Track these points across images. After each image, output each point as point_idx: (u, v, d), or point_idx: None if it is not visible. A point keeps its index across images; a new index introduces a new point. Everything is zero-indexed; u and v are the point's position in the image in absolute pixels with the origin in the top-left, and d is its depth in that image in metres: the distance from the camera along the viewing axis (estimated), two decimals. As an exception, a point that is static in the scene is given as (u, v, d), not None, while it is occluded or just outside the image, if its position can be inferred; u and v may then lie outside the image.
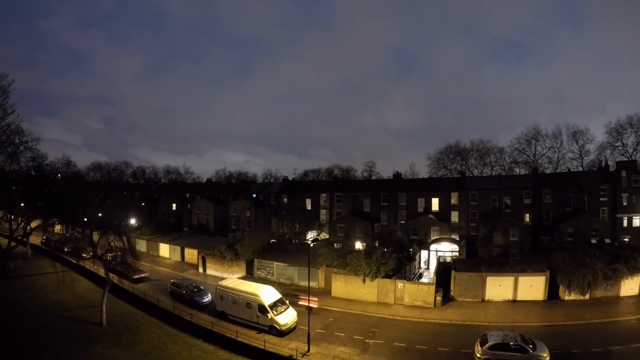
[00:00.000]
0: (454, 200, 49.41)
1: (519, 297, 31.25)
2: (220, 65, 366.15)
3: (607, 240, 39.07)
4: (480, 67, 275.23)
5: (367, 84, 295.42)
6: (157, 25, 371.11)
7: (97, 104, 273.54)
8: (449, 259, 41.06)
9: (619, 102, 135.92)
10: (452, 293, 32.25)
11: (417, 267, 41.82)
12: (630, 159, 52.30)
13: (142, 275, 38.23)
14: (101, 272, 33.15)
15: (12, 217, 41.95)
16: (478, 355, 21.38)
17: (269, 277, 38.77)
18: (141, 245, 51.38)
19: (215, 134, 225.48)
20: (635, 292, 31.04)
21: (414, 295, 31.32)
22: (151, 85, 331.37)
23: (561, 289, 31.18)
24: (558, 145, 64.63)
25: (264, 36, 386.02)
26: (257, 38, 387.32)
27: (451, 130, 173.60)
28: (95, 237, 29.97)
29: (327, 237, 51.96)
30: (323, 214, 57.41)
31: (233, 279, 31.83)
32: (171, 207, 69.27)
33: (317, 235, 51.39)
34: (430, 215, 48.05)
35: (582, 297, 30.67)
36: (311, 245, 30.08)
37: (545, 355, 20.76)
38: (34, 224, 42.04)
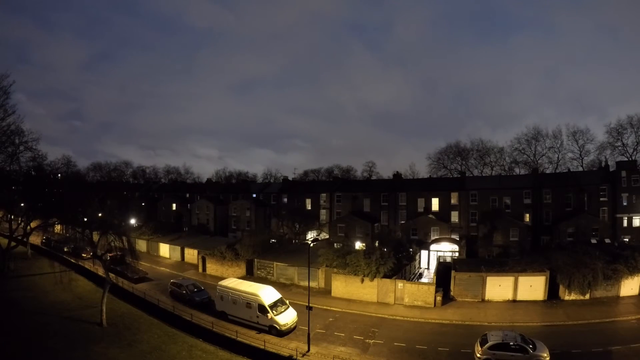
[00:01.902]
0: (454, 200, 49.41)
1: (519, 297, 31.25)
2: (177, 55, 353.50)
3: (607, 240, 39.07)
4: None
5: (325, 66, 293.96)
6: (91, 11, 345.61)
7: (53, 99, 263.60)
8: (449, 259, 41.07)
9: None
10: (452, 293, 32.25)
11: (417, 267, 41.79)
12: (630, 159, 52.29)
13: (142, 275, 38.28)
14: (101, 272, 33.17)
15: (12, 217, 41.97)
16: (478, 355, 21.38)
17: (268, 277, 38.76)
18: (141, 245, 51.37)
19: (183, 130, 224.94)
20: (635, 292, 31.05)
21: (414, 295, 31.32)
22: (103, 77, 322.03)
23: (561, 289, 31.18)
24: (558, 145, 64.61)
25: (213, 23, 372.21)
26: (206, 26, 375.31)
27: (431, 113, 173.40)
28: (95, 237, 29.98)
29: (327, 237, 51.97)
30: (323, 214, 57.41)
31: (233, 279, 31.81)
32: (171, 207, 69.25)
33: (317, 235, 51.37)
34: (430, 215, 48.05)
35: (582, 297, 30.67)
36: (311, 245, 30.08)
37: (545, 355, 20.75)
38: (34, 224, 42.08)
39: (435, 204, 50.02)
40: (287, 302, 28.29)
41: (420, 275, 40.23)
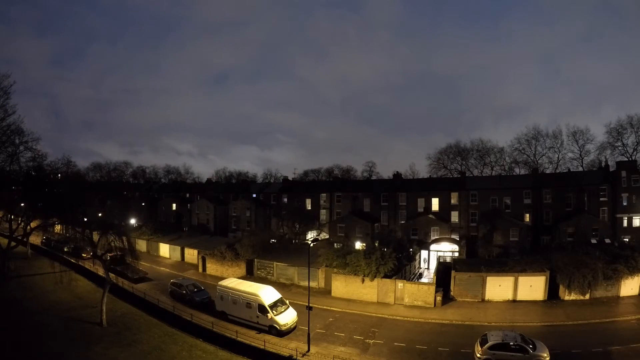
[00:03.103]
0: (454, 200, 49.40)
1: (519, 297, 31.25)
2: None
3: (607, 240, 39.08)
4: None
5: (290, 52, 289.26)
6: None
7: (23, 96, 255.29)
8: (449, 259, 41.08)
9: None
10: (452, 293, 32.25)
11: (417, 267, 41.80)
12: (630, 159, 52.25)
13: (142, 275, 38.28)
14: (101, 272, 33.17)
15: (12, 217, 41.94)
16: (478, 355, 21.38)
17: (269, 277, 38.76)
18: (141, 245, 51.36)
19: (160, 127, 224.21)
20: (635, 292, 31.05)
21: (414, 295, 31.32)
22: (71, 73, 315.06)
23: (561, 289, 31.18)
24: (558, 145, 64.56)
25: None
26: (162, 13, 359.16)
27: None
28: (95, 237, 29.98)
29: (327, 237, 51.95)
30: (323, 214, 57.39)
31: (233, 279, 31.80)
32: (171, 207, 69.29)
33: (317, 235, 51.36)
34: (430, 215, 48.05)
35: (582, 297, 30.67)
36: (311, 245, 30.09)
37: (545, 355, 20.75)
38: (34, 224, 42.04)
39: (435, 204, 50.01)
40: (287, 302, 28.28)
41: (420, 275, 40.24)
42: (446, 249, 43.77)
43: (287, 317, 26.43)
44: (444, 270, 34.87)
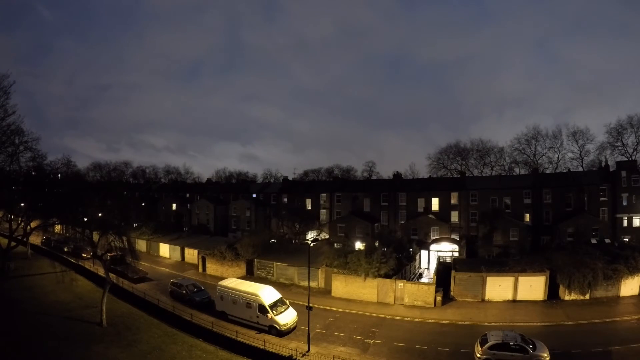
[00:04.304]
0: (454, 200, 49.39)
1: (519, 297, 31.25)
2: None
3: (607, 240, 39.10)
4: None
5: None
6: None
7: None
8: (449, 259, 41.04)
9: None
10: (452, 293, 32.25)
11: (417, 267, 41.80)
12: (630, 159, 52.24)
13: (142, 275, 38.27)
14: (101, 272, 33.17)
15: (12, 217, 41.90)
16: (478, 355, 21.38)
17: (269, 277, 38.76)
18: (141, 245, 51.43)
19: (137, 124, 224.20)
20: (635, 292, 31.05)
21: (414, 295, 31.32)
22: (37, 69, 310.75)
23: (561, 289, 31.18)
24: (558, 145, 64.62)
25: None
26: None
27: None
28: (95, 237, 29.97)
29: (327, 237, 51.95)
30: (323, 214, 57.39)
31: (233, 279, 31.82)
32: (171, 207, 69.29)
33: (317, 235, 51.37)
34: (430, 215, 48.05)
35: (582, 297, 30.67)
36: (311, 245, 30.10)
37: (545, 355, 20.75)
38: (34, 224, 41.97)
39: (435, 204, 50.00)
40: (287, 302, 28.29)
41: (420, 275, 40.24)
42: (446, 249, 43.75)
43: (287, 317, 26.44)
44: (444, 270, 34.85)
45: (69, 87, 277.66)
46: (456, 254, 42.49)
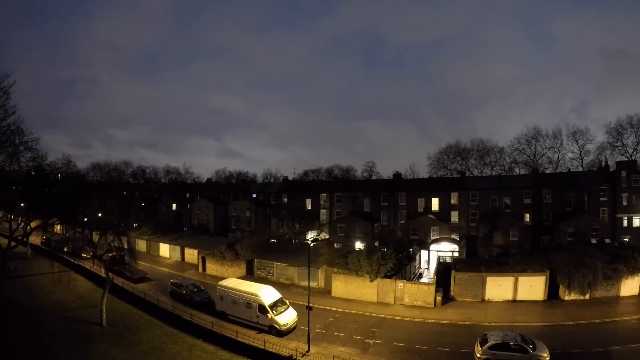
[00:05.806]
0: (454, 200, 49.41)
1: (519, 297, 31.24)
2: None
3: (607, 240, 39.12)
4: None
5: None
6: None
7: None
8: (449, 259, 41.03)
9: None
10: (452, 293, 32.24)
11: (417, 267, 41.79)
12: (630, 159, 52.28)
13: (142, 275, 38.26)
14: (101, 272, 33.17)
15: (12, 217, 41.93)
16: (478, 355, 21.38)
17: (269, 277, 38.75)
18: (141, 245, 51.40)
19: (102, 120, 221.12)
20: (635, 292, 31.03)
21: (414, 295, 31.31)
22: None
23: (561, 289, 31.17)
24: (558, 145, 64.65)
25: None
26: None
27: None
28: (95, 237, 29.99)
29: (327, 237, 51.94)
30: (323, 214, 57.40)
31: (233, 279, 31.81)
32: (171, 207, 69.27)
33: (317, 235, 51.34)
34: (430, 215, 48.04)
35: (582, 297, 30.66)
36: (311, 245, 30.07)
37: (545, 355, 20.75)
38: (34, 224, 42.02)
39: (435, 204, 50.01)
40: (287, 302, 28.28)
41: (420, 275, 40.23)
42: (446, 249, 43.73)
43: (287, 317, 26.43)
44: (444, 270, 34.84)
45: (35, 82, 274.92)
46: (456, 254, 42.46)
